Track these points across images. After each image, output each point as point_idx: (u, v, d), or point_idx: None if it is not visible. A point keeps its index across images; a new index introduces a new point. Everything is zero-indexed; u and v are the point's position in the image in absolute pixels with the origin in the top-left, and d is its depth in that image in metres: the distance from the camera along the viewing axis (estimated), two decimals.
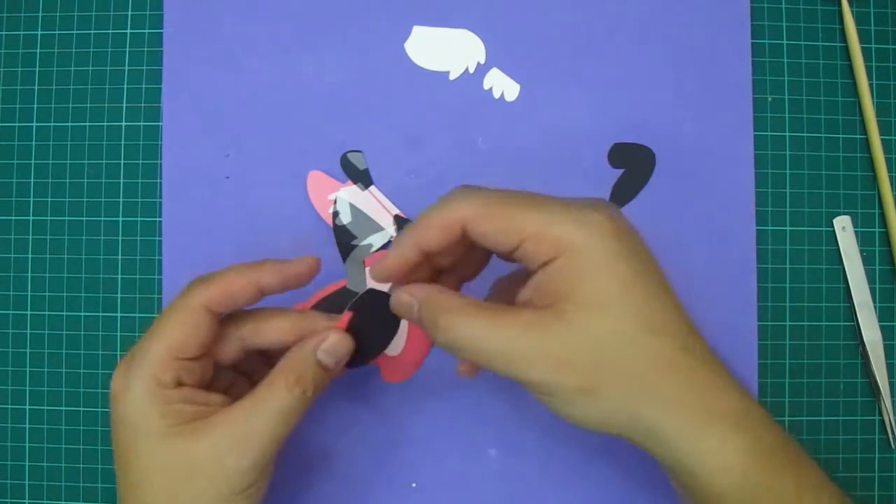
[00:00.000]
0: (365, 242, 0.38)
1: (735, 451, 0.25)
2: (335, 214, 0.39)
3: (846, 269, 0.40)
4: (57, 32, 0.40)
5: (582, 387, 0.25)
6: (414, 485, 0.38)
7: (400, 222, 0.39)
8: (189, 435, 0.29)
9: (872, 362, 0.39)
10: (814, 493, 0.26)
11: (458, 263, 0.31)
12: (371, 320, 0.33)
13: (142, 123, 0.40)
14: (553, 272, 0.25)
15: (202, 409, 0.30)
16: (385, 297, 0.31)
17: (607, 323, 0.25)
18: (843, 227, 0.40)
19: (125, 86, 0.40)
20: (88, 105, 0.40)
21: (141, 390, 0.29)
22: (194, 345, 0.30)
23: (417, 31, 0.40)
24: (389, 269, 0.29)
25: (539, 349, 0.25)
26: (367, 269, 0.38)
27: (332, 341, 0.31)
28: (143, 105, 0.40)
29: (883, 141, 0.40)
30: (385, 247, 0.39)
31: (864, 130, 0.40)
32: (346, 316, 0.32)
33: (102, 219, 0.40)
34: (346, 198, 0.39)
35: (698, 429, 0.25)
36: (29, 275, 0.40)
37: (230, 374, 0.34)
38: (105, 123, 0.40)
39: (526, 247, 0.26)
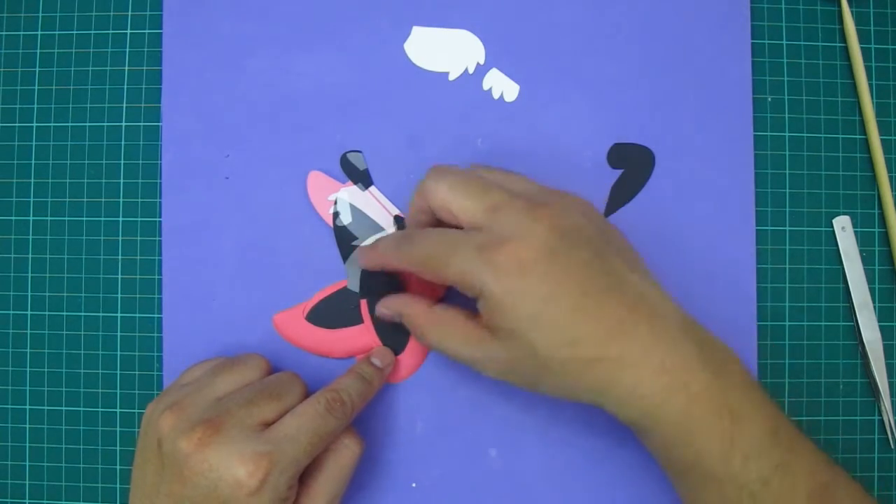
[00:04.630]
0: (366, 243, 0.38)
1: (657, 421, 0.30)
2: (335, 215, 0.39)
3: (846, 269, 0.40)
4: (57, 32, 0.40)
5: (527, 383, 0.32)
6: (414, 485, 0.38)
7: (400, 223, 0.39)
8: None
9: (872, 362, 0.39)
10: (743, 458, 0.29)
11: None
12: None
13: (142, 123, 0.40)
14: (480, 306, 0.31)
15: None
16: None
17: (526, 344, 0.30)
18: (843, 227, 0.40)
19: (125, 86, 0.40)
20: (88, 105, 0.40)
21: (276, 494, 0.30)
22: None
23: (417, 31, 0.40)
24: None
25: (487, 358, 0.32)
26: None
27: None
28: (143, 105, 0.40)
29: (883, 141, 0.40)
30: None
31: (864, 130, 0.40)
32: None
33: (102, 219, 0.40)
34: (347, 198, 0.39)
35: (626, 405, 0.30)
36: (29, 275, 0.40)
37: None
38: (105, 123, 0.40)
39: (459, 288, 0.31)
